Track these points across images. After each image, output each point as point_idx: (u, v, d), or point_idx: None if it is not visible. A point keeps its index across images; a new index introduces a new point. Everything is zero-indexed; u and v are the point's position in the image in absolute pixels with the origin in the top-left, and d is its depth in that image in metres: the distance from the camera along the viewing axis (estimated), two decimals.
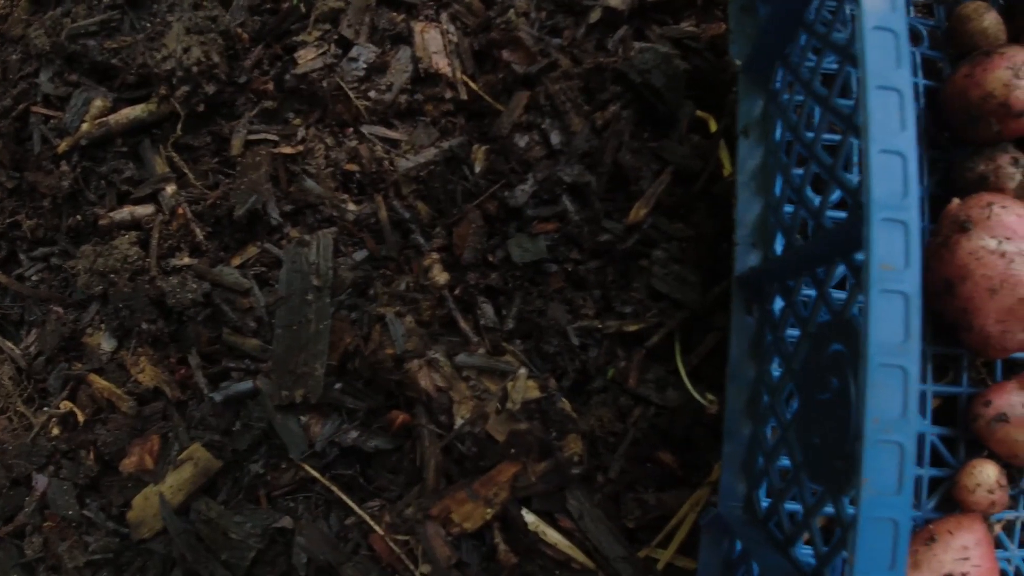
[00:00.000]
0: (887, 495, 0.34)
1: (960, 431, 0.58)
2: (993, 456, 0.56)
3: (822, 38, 0.47)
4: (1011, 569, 0.59)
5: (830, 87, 0.46)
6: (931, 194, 0.60)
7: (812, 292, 0.51)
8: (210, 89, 0.61)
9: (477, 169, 0.63)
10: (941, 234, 0.56)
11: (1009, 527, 0.60)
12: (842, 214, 0.54)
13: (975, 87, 0.56)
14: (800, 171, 0.50)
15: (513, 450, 0.57)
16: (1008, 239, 0.53)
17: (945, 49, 0.64)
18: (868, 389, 0.34)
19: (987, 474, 0.55)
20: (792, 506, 0.49)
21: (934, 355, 0.59)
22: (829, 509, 0.42)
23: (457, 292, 0.61)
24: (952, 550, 0.51)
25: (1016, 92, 0.55)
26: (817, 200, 0.47)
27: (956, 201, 0.55)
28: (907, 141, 0.37)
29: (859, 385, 0.34)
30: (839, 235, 0.41)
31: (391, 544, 0.59)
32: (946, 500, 0.57)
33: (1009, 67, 0.55)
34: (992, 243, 0.53)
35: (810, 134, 0.48)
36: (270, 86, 0.64)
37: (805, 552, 0.48)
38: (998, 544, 0.59)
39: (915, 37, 0.64)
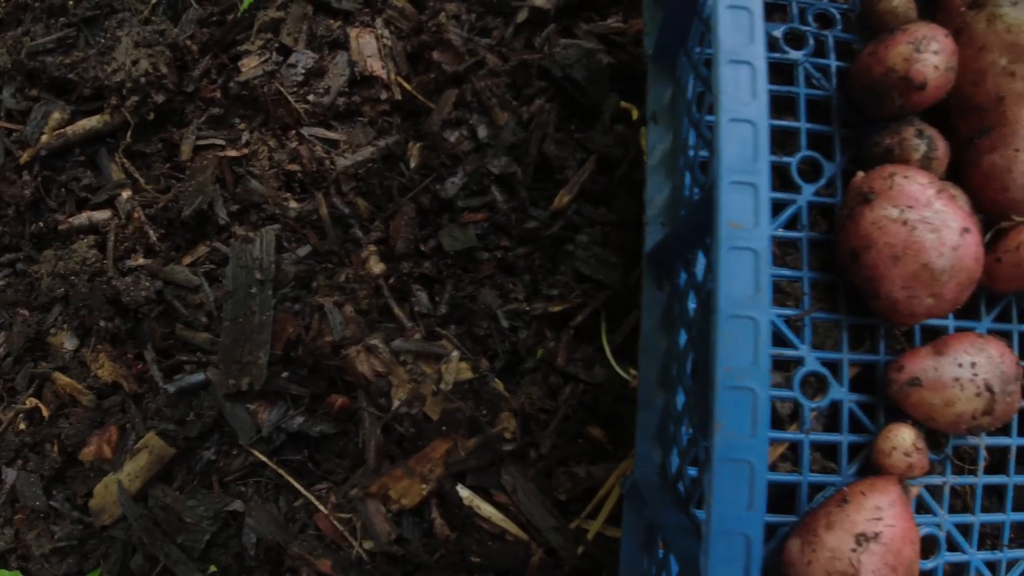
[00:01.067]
0: (741, 438, 0.36)
1: (879, 398, 0.59)
2: (911, 421, 0.57)
3: (705, 22, 0.49)
4: (942, 534, 0.60)
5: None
6: (844, 171, 0.62)
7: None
8: (159, 98, 0.65)
9: (412, 165, 0.66)
10: (847, 207, 0.57)
11: (938, 492, 0.61)
12: None
13: (878, 63, 0.58)
14: (693, 151, 0.53)
15: (445, 428, 0.60)
16: (910, 207, 0.55)
17: (859, 31, 0.66)
18: (719, 339, 0.36)
19: (903, 437, 0.56)
20: (693, 470, 0.51)
21: (852, 325, 0.60)
22: None
23: (392, 281, 0.64)
24: (865, 510, 0.52)
25: (916, 65, 0.57)
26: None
27: (860, 174, 0.57)
28: (757, 110, 0.39)
29: (712, 336, 0.36)
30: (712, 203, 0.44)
31: (335, 522, 0.61)
32: (867, 466, 0.58)
33: (910, 42, 0.57)
34: (894, 212, 0.55)
35: (699, 115, 0.51)
36: (217, 94, 0.68)
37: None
38: (926, 509, 0.60)
39: (827, 21, 0.66)
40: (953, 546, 0.61)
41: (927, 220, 0.54)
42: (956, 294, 0.55)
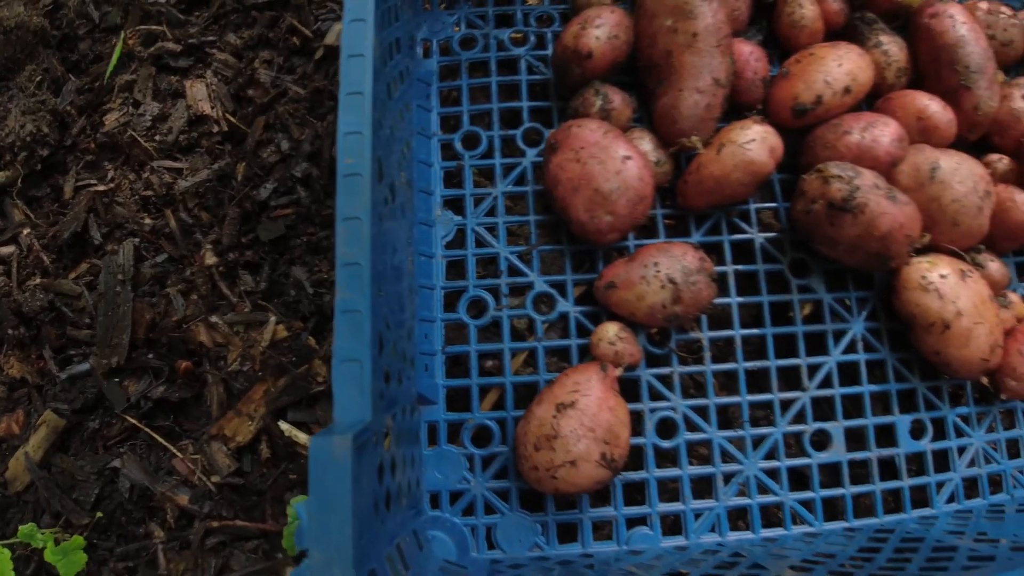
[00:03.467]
0: (353, 296, 0.50)
1: (599, 307, 0.72)
2: (616, 317, 0.70)
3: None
4: (678, 416, 0.71)
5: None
6: None
7: None
8: (43, 152, 0.84)
9: (239, 179, 0.83)
10: (544, 158, 0.72)
11: (669, 381, 0.72)
12: None
13: (558, 44, 0.74)
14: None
15: (260, 373, 0.75)
16: (583, 148, 0.69)
17: None
18: (338, 235, 0.51)
19: (607, 330, 0.68)
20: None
21: (574, 253, 0.74)
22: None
23: (222, 269, 0.80)
24: (566, 387, 0.64)
25: (582, 39, 0.72)
26: None
27: (551, 132, 0.72)
28: (366, 85, 0.55)
29: (336, 236, 0.51)
30: None
31: (188, 464, 0.76)
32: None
33: (580, 22, 0.73)
34: (571, 154, 0.69)
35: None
36: (92, 145, 0.87)
37: None
38: (660, 396, 0.71)
39: (549, 20, 0.82)
40: (695, 427, 0.72)
41: (595, 155, 0.68)
42: (629, 209, 0.68)
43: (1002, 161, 0.78)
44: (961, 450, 0.74)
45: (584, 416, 0.63)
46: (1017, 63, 0.85)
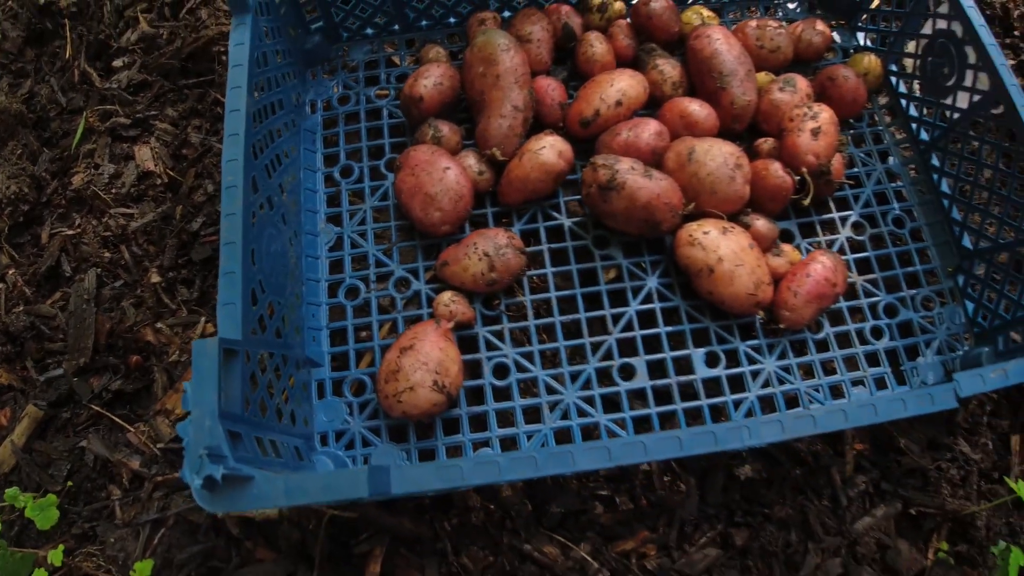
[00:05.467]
0: (231, 264, 0.73)
1: (442, 283, 0.94)
2: (452, 287, 0.93)
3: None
4: (510, 361, 0.93)
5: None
6: None
7: None
8: (24, 208, 1.09)
9: (177, 218, 1.08)
10: (394, 178, 0.97)
11: (501, 335, 0.94)
12: None
13: (401, 93, 1.00)
14: None
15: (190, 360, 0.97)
16: (416, 165, 0.94)
17: None
18: (221, 226, 0.74)
19: (443, 296, 0.90)
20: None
21: (425, 246, 0.97)
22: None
23: (164, 284, 1.03)
24: (407, 336, 0.86)
25: (415, 88, 0.98)
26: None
27: (398, 157, 0.97)
28: (241, 129, 0.79)
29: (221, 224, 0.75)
30: None
31: (139, 436, 0.97)
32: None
33: (414, 76, 0.99)
34: (409, 171, 0.94)
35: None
36: (63, 200, 1.11)
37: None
38: (495, 347, 0.93)
39: (406, 77, 1.08)
40: (524, 368, 0.93)
41: (425, 169, 0.93)
42: (453, 206, 0.92)
43: (767, 142, 1.00)
44: (755, 375, 0.90)
45: (420, 355, 0.84)
46: (794, 63, 1.08)
